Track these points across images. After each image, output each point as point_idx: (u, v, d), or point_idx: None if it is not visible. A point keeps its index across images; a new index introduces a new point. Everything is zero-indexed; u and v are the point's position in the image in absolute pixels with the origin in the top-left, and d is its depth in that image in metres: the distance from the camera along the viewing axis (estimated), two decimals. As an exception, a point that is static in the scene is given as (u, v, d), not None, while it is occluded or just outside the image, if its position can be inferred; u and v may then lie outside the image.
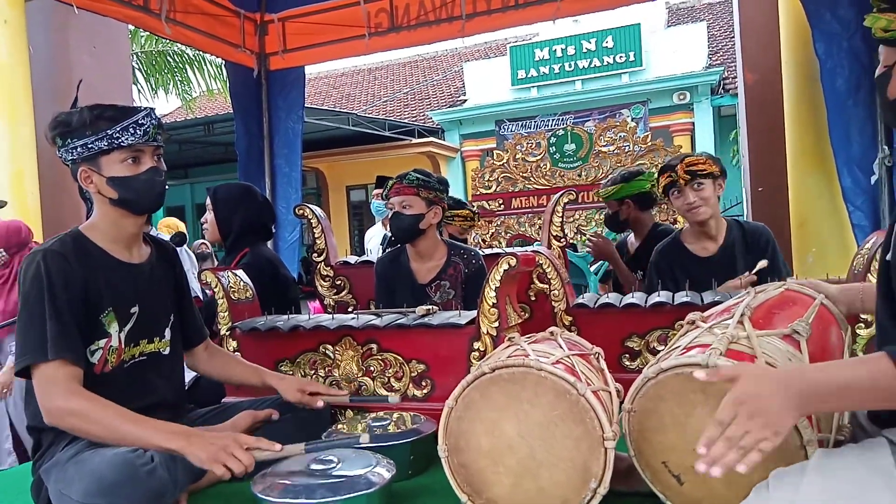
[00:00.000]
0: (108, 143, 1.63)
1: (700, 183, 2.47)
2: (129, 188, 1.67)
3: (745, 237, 2.52)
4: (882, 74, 1.22)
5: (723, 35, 14.34)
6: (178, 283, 1.91)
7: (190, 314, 1.96)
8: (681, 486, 1.34)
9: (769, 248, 2.49)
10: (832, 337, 1.46)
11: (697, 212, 2.48)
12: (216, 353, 2.04)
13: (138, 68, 8.57)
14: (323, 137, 12.35)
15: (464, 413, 1.46)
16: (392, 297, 2.55)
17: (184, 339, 1.95)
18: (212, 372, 2.03)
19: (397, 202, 2.55)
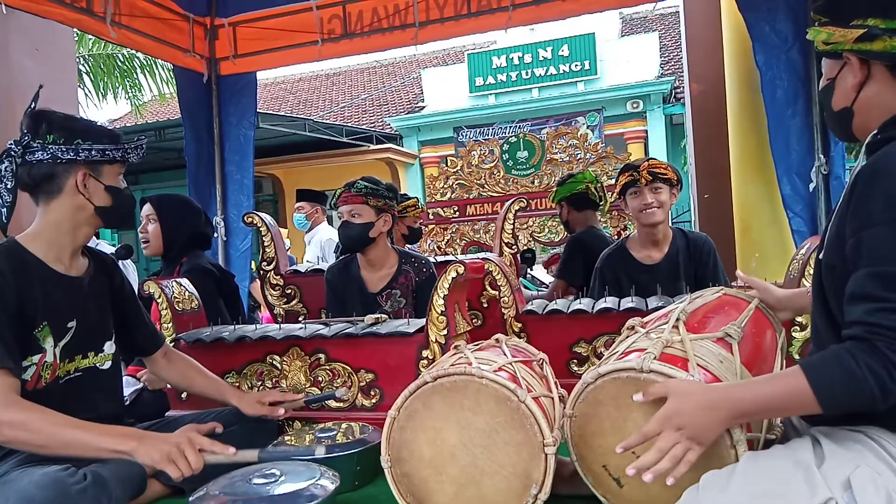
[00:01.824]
0: (122, 155, 1.71)
1: (658, 187, 2.53)
2: (121, 200, 1.74)
3: (688, 246, 2.60)
4: (826, 87, 1.26)
5: (674, 45, 14.72)
6: (118, 294, 1.87)
7: (139, 323, 1.93)
8: (620, 488, 1.36)
9: (710, 258, 2.57)
10: (766, 339, 1.51)
11: (652, 213, 2.54)
12: (177, 359, 2.01)
13: (86, 72, 8.30)
14: (279, 143, 12.19)
15: (406, 423, 1.45)
16: (342, 306, 2.53)
17: (139, 348, 1.95)
18: (172, 379, 2.01)
19: (346, 211, 2.54)
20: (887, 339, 0.98)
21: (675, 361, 1.27)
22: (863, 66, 1.18)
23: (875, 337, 0.99)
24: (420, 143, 14.93)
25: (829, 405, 1.03)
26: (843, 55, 1.19)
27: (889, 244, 1.02)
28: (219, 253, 3.99)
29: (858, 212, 1.07)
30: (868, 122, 1.20)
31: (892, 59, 1.13)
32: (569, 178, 3.50)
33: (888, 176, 1.04)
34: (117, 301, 1.86)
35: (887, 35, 1.11)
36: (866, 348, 1.00)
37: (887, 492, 0.99)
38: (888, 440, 1.06)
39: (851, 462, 1.03)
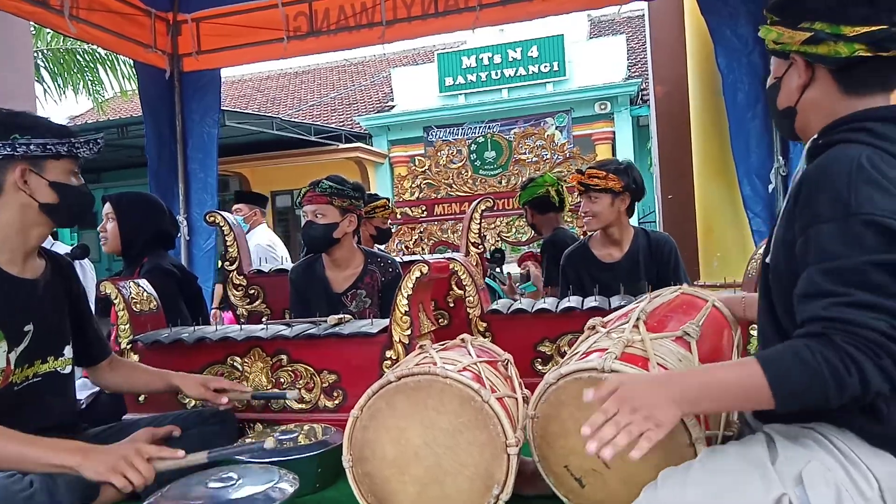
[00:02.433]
0: (68, 150, 1.63)
1: (595, 196, 2.56)
2: (70, 196, 1.65)
3: (649, 246, 2.64)
4: (772, 85, 1.27)
5: (641, 48, 14.92)
6: (75, 298, 1.83)
7: (91, 330, 1.88)
8: (582, 488, 1.37)
9: (672, 258, 2.61)
10: (723, 338, 1.53)
11: (587, 222, 2.61)
12: (119, 365, 1.98)
13: (44, 66, 8.07)
14: (247, 142, 12.03)
15: (369, 422, 1.44)
16: (307, 306, 2.50)
17: (87, 356, 1.89)
18: (117, 384, 1.96)
19: (310, 211, 2.50)
20: (843, 333, 0.97)
21: (636, 361, 1.28)
22: (808, 68, 1.19)
23: (831, 331, 0.98)
24: (390, 142, 14.88)
25: (782, 398, 1.00)
26: (790, 56, 1.21)
27: (836, 241, 1.02)
28: (182, 253, 3.91)
29: (805, 212, 1.08)
30: (809, 123, 1.22)
31: (835, 63, 1.15)
32: (530, 183, 3.54)
33: (833, 177, 1.06)
34: (73, 305, 1.82)
35: (832, 40, 1.13)
36: (823, 342, 0.98)
37: (836, 486, 1.02)
38: (836, 436, 1.08)
39: (803, 458, 1.05)
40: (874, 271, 0.98)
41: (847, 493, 1.01)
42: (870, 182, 1.02)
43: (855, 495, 1.01)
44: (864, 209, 1.00)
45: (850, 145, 1.10)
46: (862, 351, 0.96)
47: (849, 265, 1.00)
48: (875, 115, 1.14)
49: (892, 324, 0.96)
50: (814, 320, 1.01)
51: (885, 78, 1.16)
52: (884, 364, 0.95)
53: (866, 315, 0.97)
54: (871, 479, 1.03)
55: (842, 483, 1.02)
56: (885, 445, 1.05)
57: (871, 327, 0.96)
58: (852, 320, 0.97)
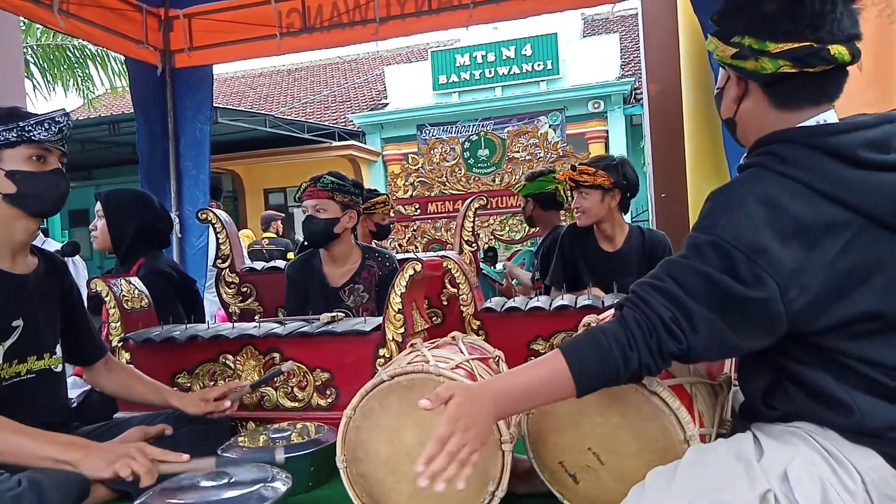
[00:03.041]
0: (18, 135, 1.56)
1: (585, 192, 2.57)
2: (32, 185, 1.59)
3: (644, 243, 2.65)
4: (717, 95, 1.28)
5: (634, 47, 14.95)
6: (67, 297, 1.81)
7: (85, 329, 1.87)
8: (576, 485, 1.37)
9: (666, 254, 2.61)
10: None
11: (579, 217, 2.63)
12: (116, 368, 1.96)
13: (34, 62, 8.00)
14: (239, 139, 11.99)
15: (362, 422, 1.43)
16: (302, 301, 2.48)
17: (84, 355, 1.88)
18: (112, 388, 1.95)
19: (311, 206, 2.49)
20: (633, 308, 1.10)
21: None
22: (740, 81, 1.20)
23: (628, 305, 1.11)
24: (383, 140, 14.86)
25: (580, 380, 1.10)
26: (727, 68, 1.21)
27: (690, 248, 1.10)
28: (174, 250, 3.89)
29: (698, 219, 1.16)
30: (746, 134, 1.23)
31: (761, 79, 1.14)
32: (539, 175, 3.46)
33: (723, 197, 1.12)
34: (66, 304, 1.80)
35: (756, 56, 1.12)
36: (616, 319, 1.11)
37: (822, 480, 1.03)
38: (818, 434, 1.09)
39: (788, 454, 1.06)
40: (694, 276, 1.07)
41: (832, 487, 1.03)
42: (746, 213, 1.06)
43: (839, 490, 1.03)
44: (723, 234, 1.06)
45: (759, 171, 1.12)
46: (640, 328, 1.08)
47: (683, 262, 1.10)
48: (781, 136, 1.14)
49: (675, 316, 1.06)
50: (630, 293, 1.14)
51: (813, 94, 1.15)
52: (651, 343, 1.08)
53: (659, 301, 1.08)
54: (854, 473, 1.04)
55: (826, 478, 1.03)
56: (864, 439, 1.06)
57: (655, 311, 1.08)
58: (646, 301, 1.09)
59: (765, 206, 1.06)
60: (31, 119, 1.58)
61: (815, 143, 1.10)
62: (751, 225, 1.05)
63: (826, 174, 1.07)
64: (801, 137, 1.12)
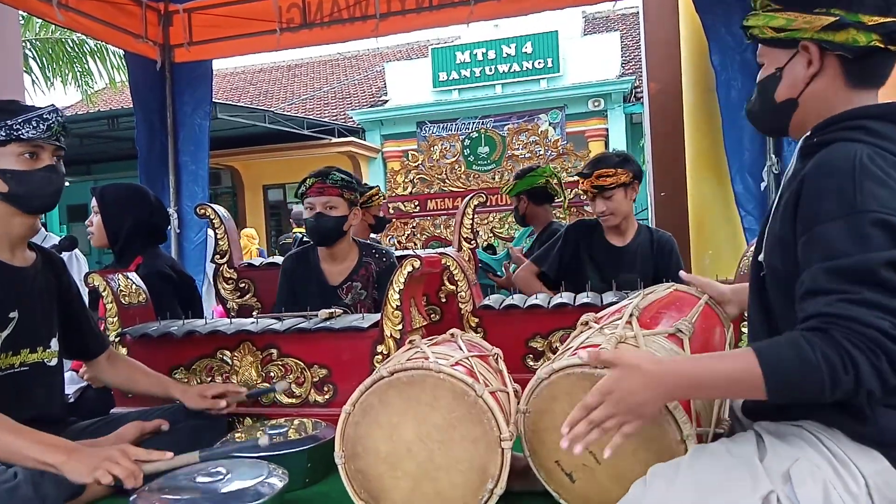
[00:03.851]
0: (7, 134, 1.56)
1: (608, 194, 2.55)
2: (23, 183, 1.60)
3: (652, 242, 2.65)
4: (770, 76, 1.21)
5: (635, 45, 14.93)
6: (65, 292, 1.82)
7: (85, 324, 1.88)
8: (573, 483, 1.36)
9: (672, 256, 2.62)
10: (715, 335, 1.53)
11: (607, 219, 2.60)
12: (119, 361, 1.97)
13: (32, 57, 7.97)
14: (239, 135, 11.96)
15: (361, 418, 1.43)
16: (294, 296, 2.45)
17: (84, 349, 1.89)
18: (115, 381, 1.97)
19: (319, 203, 2.42)
20: (844, 329, 0.96)
21: (628, 356, 1.28)
22: (822, 57, 1.15)
23: (832, 327, 0.97)
24: (383, 137, 14.84)
25: (775, 390, 0.99)
26: (800, 44, 1.15)
27: (841, 239, 1.00)
28: (172, 246, 3.88)
29: (809, 211, 1.07)
30: (807, 117, 1.18)
31: (851, 52, 1.11)
32: (528, 172, 3.48)
33: (836, 174, 1.04)
34: (64, 300, 1.81)
35: (853, 27, 1.09)
36: (823, 337, 0.97)
37: (824, 483, 1.02)
38: (824, 434, 1.08)
39: (791, 455, 1.05)
40: (881, 269, 0.97)
41: (835, 490, 1.01)
42: (873, 179, 1.01)
43: (842, 492, 1.01)
44: (869, 206, 0.99)
45: (848, 143, 1.08)
46: (860, 349, 0.94)
47: (854, 263, 0.98)
48: (872, 112, 1.12)
49: (895, 323, 0.94)
50: (816, 316, 1.00)
51: (884, 73, 1.15)
52: (880, 364, 0.94)
53: (870, 313, 0.95)
54: (858, 476, 1.03)
55: (830, 480, 1.02)
56: (873, 444, 1.05)
57: (873, 325, 0.94)
58: (855, 317, 0.96)
59: (881, 171, 1.02)
60: (20, 117, 1.58)
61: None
62: (887, 189, 1.00)
63: None
64: (891, 113, 1.10)
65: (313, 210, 2.44)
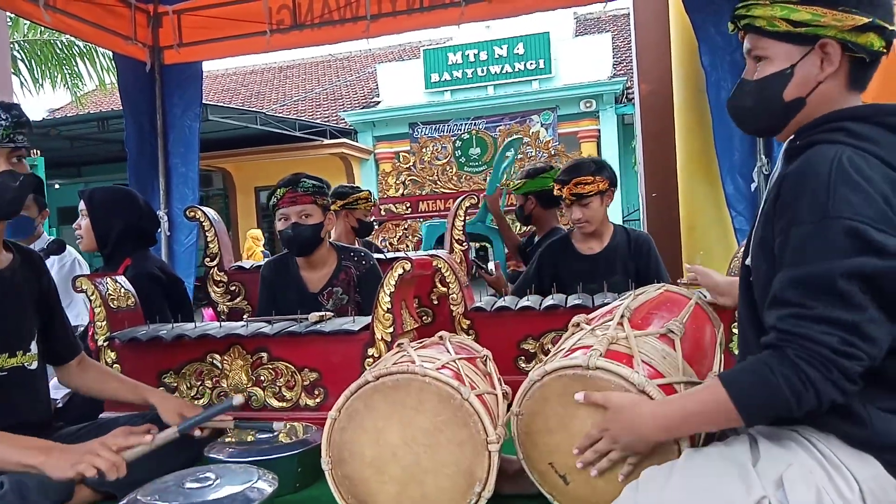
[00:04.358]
0: None
1: (586, 202, 2.55)
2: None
3: (629, 242, 2.65)
4: (781, 73, 1.15)
5: (626, 47, 14.96)
6: (45, 294, 1.77)
7: (60, 327, 1.83)
8: (566, 485, 1.36)
9: (650, 255, 2.62)
10: (706, 335, 1.53)
11: (583, 226, 2.60)
12: (90, 367, 1.92)
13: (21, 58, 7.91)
14: (230, 137, 11.92)
15: (347, 424, 1.42)
16: (275, 305, 2.38)
17: (54, 354, 1.83)
18: (86, 387, 1.90)
19: (294, 212, 2.36)
20: (797, 347, 1.00)
21: (621, 358, 1.28)
22: (842, 57, 1.11)
23: (785, 344, 1.01)
24: (375, 138, 14.83)
25: (749, 416, 1.06)
26: (821, 41, 1.11)
27: (811, 245, 1.02)
28: (162, 248, 3.86)
29: (785, 213, 1.07)
30: (807, 118, 1.16)
31: (871, 55, 1.11)
32: (540, 172, 3.33)
33: (812, 178, 1.04)
34: (43, 302, 1.77)
35: (877, 31, 1.09)
36: (779, 357, 1.01)
37: (817, 488, 1.01)
38: (818, 438, 1.08)
39: (785, 460, 1.05)
40: (840, 280, 0.98)
41: (827, 495, 1.01)
42: (848, 184, 1.01)
43: (835, 498, 1.01)
44: (840, 213, 0.99)
45: (830, 146, 1.07)
46: (814, 367, 0.99)
47: (816, 272, 1.00)
48: (852, 114, 1.12)
49: (844, 338, 0.98)
50: (773, 329, 1.05)
51: (871, 77, 1.15)
52: (832, 376, 0.98)
53: (819, 330, 0.99)
54: (851, 481, 1.03)
55: (822, 485, 1.02)
56: (868, 448, 1.05)
57: (822, 343, 0.98)
58: (805, 335, 1.00)
59: (859, 175, 1.02)
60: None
61: (885, 122, 1.09)
62: (861, 194, 1.00)
63: (892, 149, 1.06)
64: (871, 114, 1.10)
65: (288, 220, 2.37)
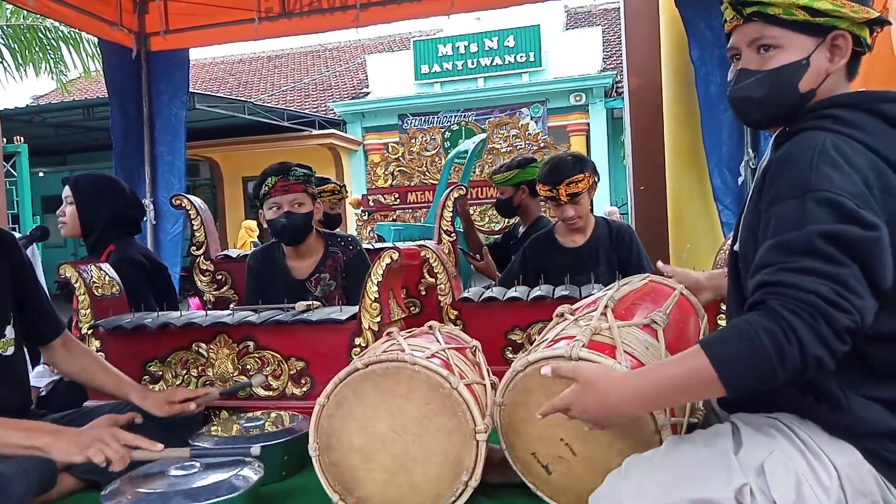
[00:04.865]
0: None
1: (577, 200, 2.57)
2: None
3: (610, 234, 2.68)
4: (794, 64, 1.14)
5: (616, 40, 14.97)
6: (19, 275, 1.73)
7: (39, 307, 1.79)
8: (549, 475, 1.37)
9: (632, 246, 2.64)
10: (689, 326, 1.54)
11: (574, 223, 2.61)
12: (76, 350, 1.88)
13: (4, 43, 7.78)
14: (217, 126, 11.81)
15: (335, 410, 1.42)
16: (263, 294, 2.37)
17: (35, 335, 1.80)
18: (70, 371, 1.88)
19: (286, 201, 2.35)
20: (781, 297, 0.96)
21: (603, 349, 1.28)
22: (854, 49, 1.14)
23: (770, 297, 0.98)
24: (364, 129, 14.76)
25: (730, 381, 0.98)
26: (834, 32, 1.12)
27: (791, 216, 1.02)
28: (148, 237, 3.83)
29: (769, 194, 1.09)
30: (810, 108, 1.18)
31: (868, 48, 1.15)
32: (530, 162, 3.33)
33: (797, 159, 1.06)
34: (16, 282, 1.72)
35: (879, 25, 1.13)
36: (762, 311, 0.97)
37: (797, 475, 1.03)
38: (799, 426, 1.09)
39: (766, 448, 1.06)
40: (822, 241, 0.97)
41: (807, 482, 1.02)
42: (830, 164, 1.03)
43: (814, 484, 1.03)
44: (820, 186, 1.01)
45: (815, 132, 1.09)
46: (797, 315, 0.94)
47: (798, 236, 0.99)
48: (840, 101, 1.13)
49: (834, 288, 0.94)
50: (758, 288, 1.01)
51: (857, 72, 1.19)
52: (819, 328, 0.93)
53: (807, 279, 0.96)
54: (830, 468, 1.04)
55: (802, 472, 1.03)
56: (847, 436, 1.07)
57: (809, 289, 0.95)
58: (792, 283, 0.96)
59: (841, 156, 1.03)
60: None
61: (872, 108, 1.10)
62: (842, 173, 1.01)
63: (880, 136, 1.08)
64: (860, 102, 1.12)
65: (280, 209, 2.36)
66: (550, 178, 2.58)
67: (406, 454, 1.41)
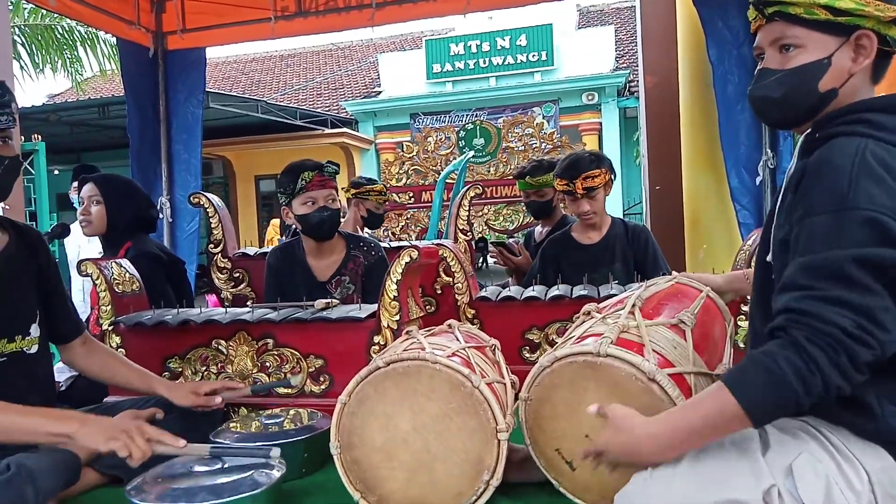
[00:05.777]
0: None
1: (594, 195, 2.56)
2: None
3: (626, 234, 2.69)
4: (818, 63, 1.12)
5: (629, 40, 14.93)
6: (44, 273, 1.74)
7: (62, 306, 1.80)
8: (573, 471, 1.37)
9: (648, 246, 2.64)
10: (716, 328, 1.53)
11: (590, 218, 2.62)
12: (96, 349, 1.89)
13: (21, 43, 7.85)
14: (231, 124, 11.87)
15: (357, 409, 1.42)
16: (282, 293, 2.35)
17: (57, 334, 1.81)
18: (91, 370, 1.88)
19: (322, 196, 2.35)
20: (804, 327, 0.96)
21: (631, 346, 1.28)
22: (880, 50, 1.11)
23: (792, 324, 0.97)
24: (376, 128, 14.78)
25: (757, 415, 0.99)
26: (858, 32, 1.10)
27: (824, 234, 1.00)
28: (164, 235, 3.85)
29: (802, 204, 1.06)
30: (833, 110, 1.15)
31: None
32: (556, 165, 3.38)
33: (834, 169, 1.03)
34: (43, 281, 1.73)
35: None
36: (784, 342, 0.97)
37: (826, 478, 1.01)
38: (828, 430, 1.08)
39: (794, 450, 1.05)
40: (854, 266, 0.96)
41: (836, 485, 1.01)
42: (871, 176, 1.00)
43: (844, 488, 1.01)
44: (859, 204, 0.98)
45: (850, 138, 1.06)
46: (819, 346, 0.94)
47: (829, 259, 0.97)
48: (873, 104, 1.11)
49: (858, 322, 0.94)
50: (781, 312, 1.00)
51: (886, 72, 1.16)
52: (840, 361, 0.94)
53: (832, 310, 0.95)
54: (861, 472, 1.03)
55: (832, 475, 1.02)
56: (878, 440, 1.05)
57: (832, 322, 0.94)
58: (815, 314, 0.95)
59: (882, 167, 1.00)
60: None
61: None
62: (884, 187, 0.98)
63: None
64: (892, 106, 1.09)
65: (315, 204, 2.36)
66: (568, 172, 2.58)
67: (427, 452, 1.40)
